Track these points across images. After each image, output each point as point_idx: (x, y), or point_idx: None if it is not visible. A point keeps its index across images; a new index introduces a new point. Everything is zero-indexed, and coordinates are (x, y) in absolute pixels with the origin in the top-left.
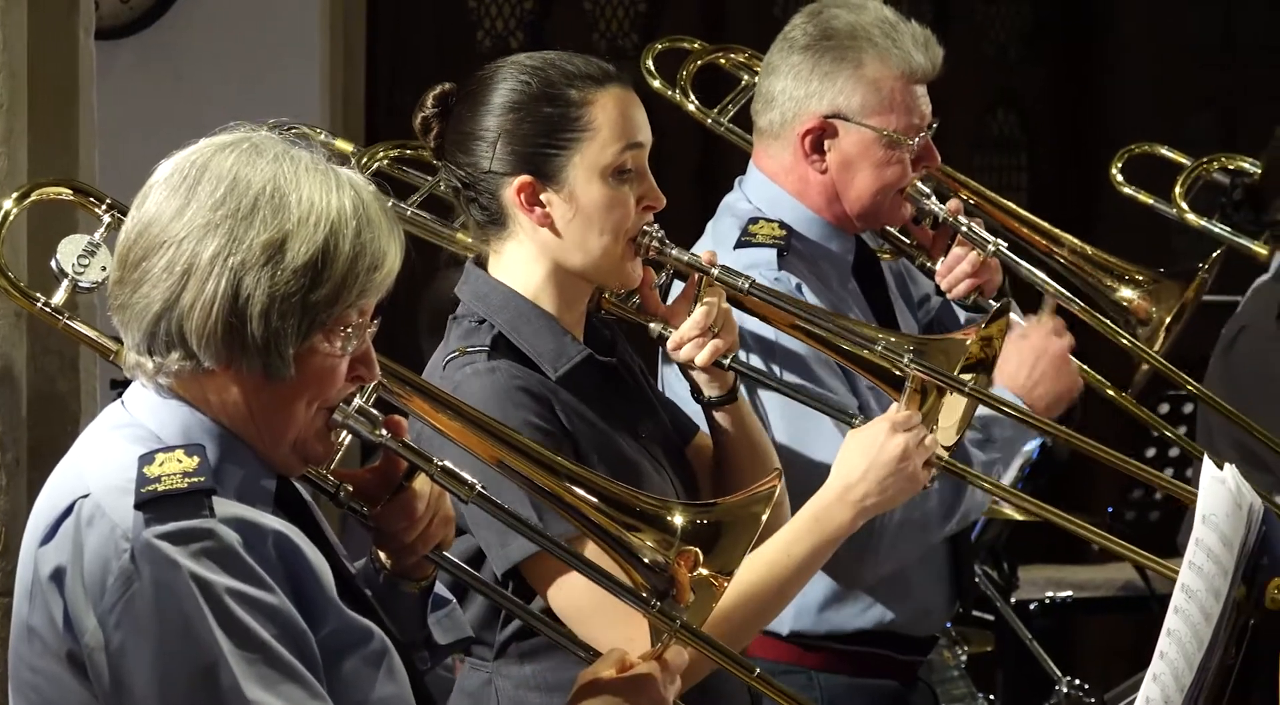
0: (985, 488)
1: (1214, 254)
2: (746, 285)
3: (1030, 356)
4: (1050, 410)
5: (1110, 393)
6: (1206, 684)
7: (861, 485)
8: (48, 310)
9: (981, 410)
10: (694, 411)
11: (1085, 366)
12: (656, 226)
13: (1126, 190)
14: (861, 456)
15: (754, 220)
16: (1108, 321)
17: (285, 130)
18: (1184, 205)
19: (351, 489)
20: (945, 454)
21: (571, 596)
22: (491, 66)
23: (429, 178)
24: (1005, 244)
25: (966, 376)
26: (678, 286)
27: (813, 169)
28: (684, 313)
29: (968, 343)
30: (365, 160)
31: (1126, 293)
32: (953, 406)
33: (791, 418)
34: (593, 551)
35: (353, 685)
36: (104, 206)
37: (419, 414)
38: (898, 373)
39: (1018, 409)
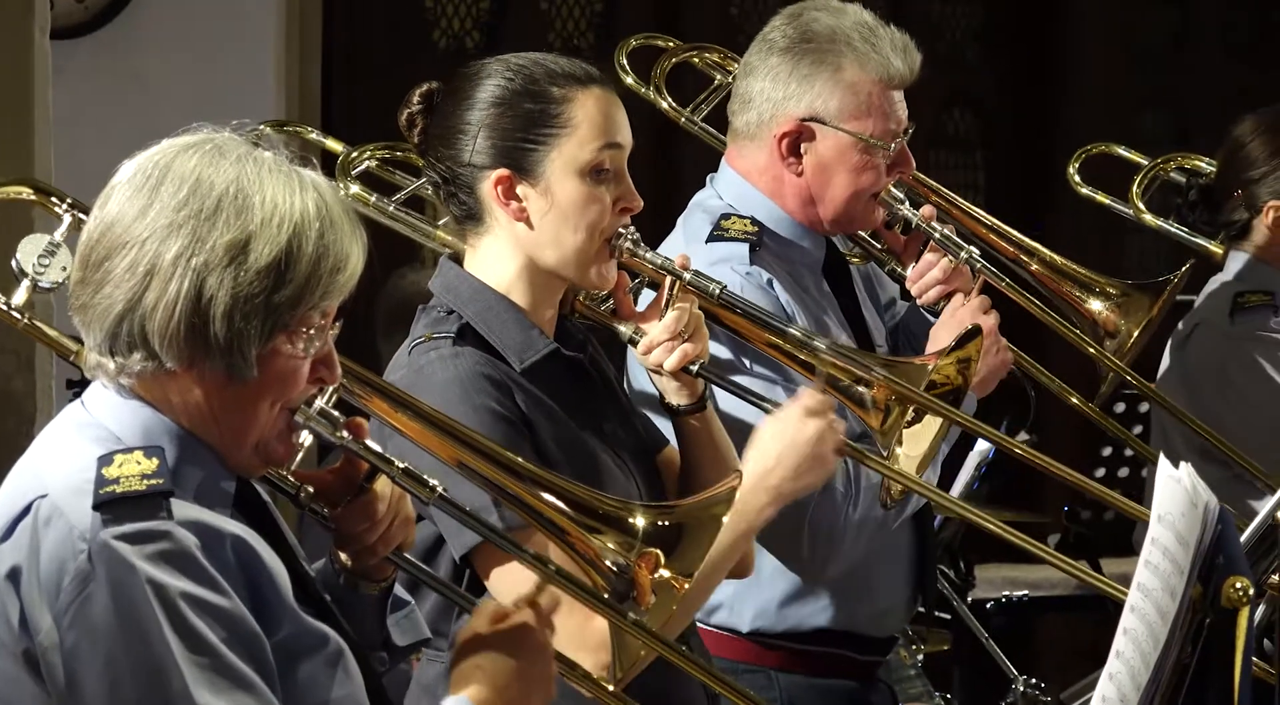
0: (927, 496)
1: (1183, 268)
2: (718, 291)
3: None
4: (983, 387)
5: (1075, 401)
6: (1163, 683)
7: (777, 471)
8: (7, 309)
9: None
10: (666, 427)
11: (1061, 382)
12: (633, 229)
13: (1084, 190)
14: (775, 443)
15: (726, 215)
16: (1077, 332)
17: (279, 130)
18: (1141, 205)
19: (312, 490)
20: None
21: (520, 585)
22: (477, 63)
23: (413, 179)
24: (977, 251)
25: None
26: (649, 294)
27: (789, 171)
28: (656, 317)
29: (930, 367)
30: (354, 160)
31: (1095, 304)
32: (921, 434)
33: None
34: (553, 552)
35: (308, 689)
36: (65, 206)
37: (380, 415)
38: (870, 394)
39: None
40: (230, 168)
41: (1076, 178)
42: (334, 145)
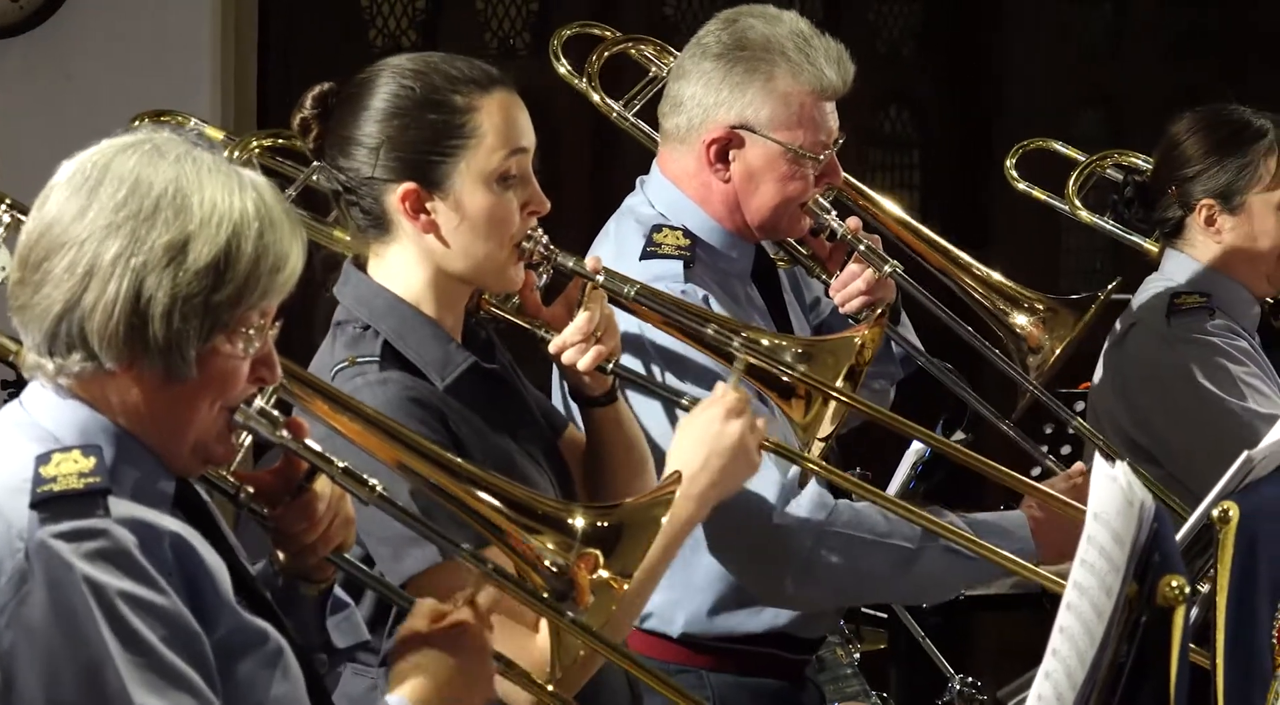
0: (866, 496)
1: (1110, 285)
2: (633, 292)
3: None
4: (1055, 560)
5: (997, 422)
6: (1099, 681)
7: (703, 475)
8: None
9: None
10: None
11: (976, 396)
12: (540, 231)
13: (1021, 186)
14: (700, 446)
15: (658, 228)
16: (996, 351)
17: (155, 117)
18: (1077, 202)
19: (252, 490)
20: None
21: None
22: (371, 69)
23: (302, 168)
24: (901, 266)
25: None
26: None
27: (716, 177)
28: (565, 316)
29: (856, 340)
30: (239, 150)
31: (1021, 319)
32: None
33: (671, 417)
34: (492, 553)
35: (247, 687)
36: (3, 207)
37: (319, 416)
38: (785, 381)
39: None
40: (169, 168)
41: (1014, 173)
42: (214, 133)
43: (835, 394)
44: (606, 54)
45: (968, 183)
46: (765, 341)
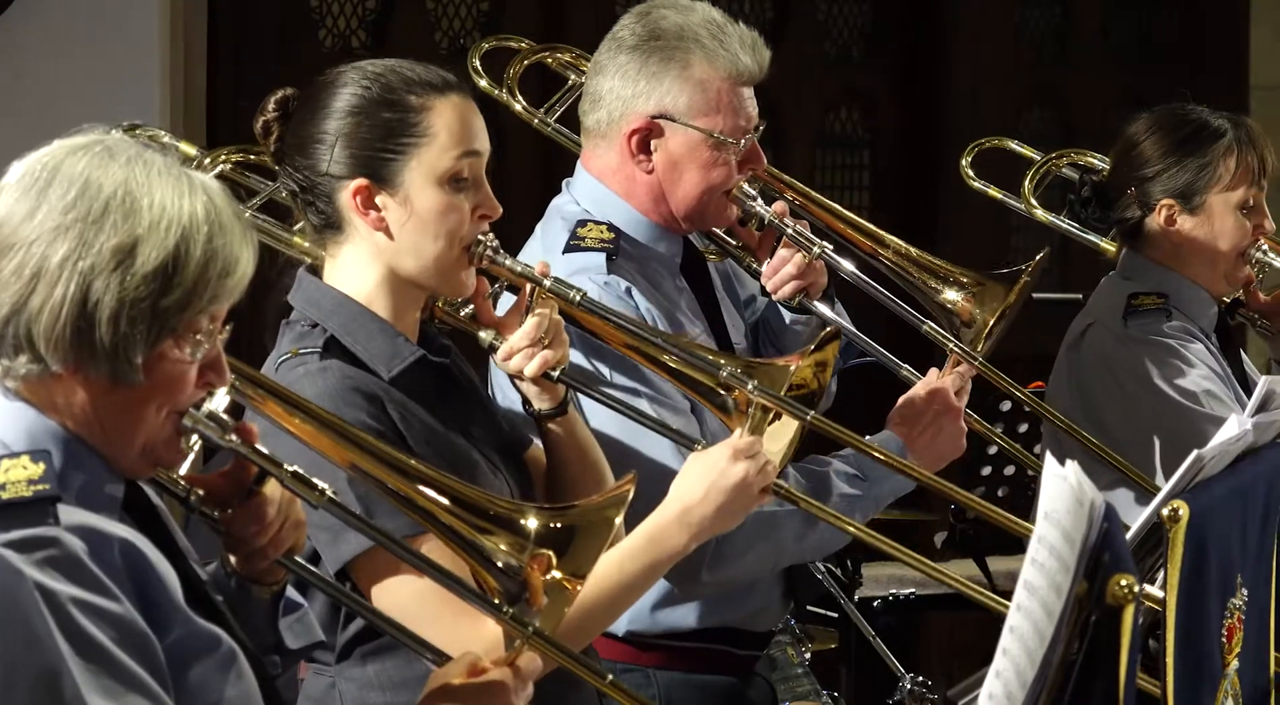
0: (830, 520)
1: (1037, 256)
2: (579, 298)
3: (931, 413)
4: (933, 465)
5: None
6: (1049, 680)
7: (700, 508)
8: None
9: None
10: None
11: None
12: (491, 236)
13: (976, 184)
14: (702, 481)
15: (582, 223)
16: (933, 325)
17: (128, 130)
18: (1033, 200)
19: (202, 493)
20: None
21: (399, 597)
22: (333, 71)
23: (269, 183)
24: (830, 246)
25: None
26: (509, 298)
27: (639, 169)
28: (516, 323)
29: (792, 369)
30: (209, 163)
31: (951, 295)
32: (779, 432)
33: (622, 420)
34: (443, 553)
35: (199, 692)
36: None
37: (271, 418)
38: (732, 397)
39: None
40: (119, 170)
41: (969, 172)
42: (187, 149)
43: (796, 411)
44: (524, 64)
45: (917, 182)
46: (706, 356)
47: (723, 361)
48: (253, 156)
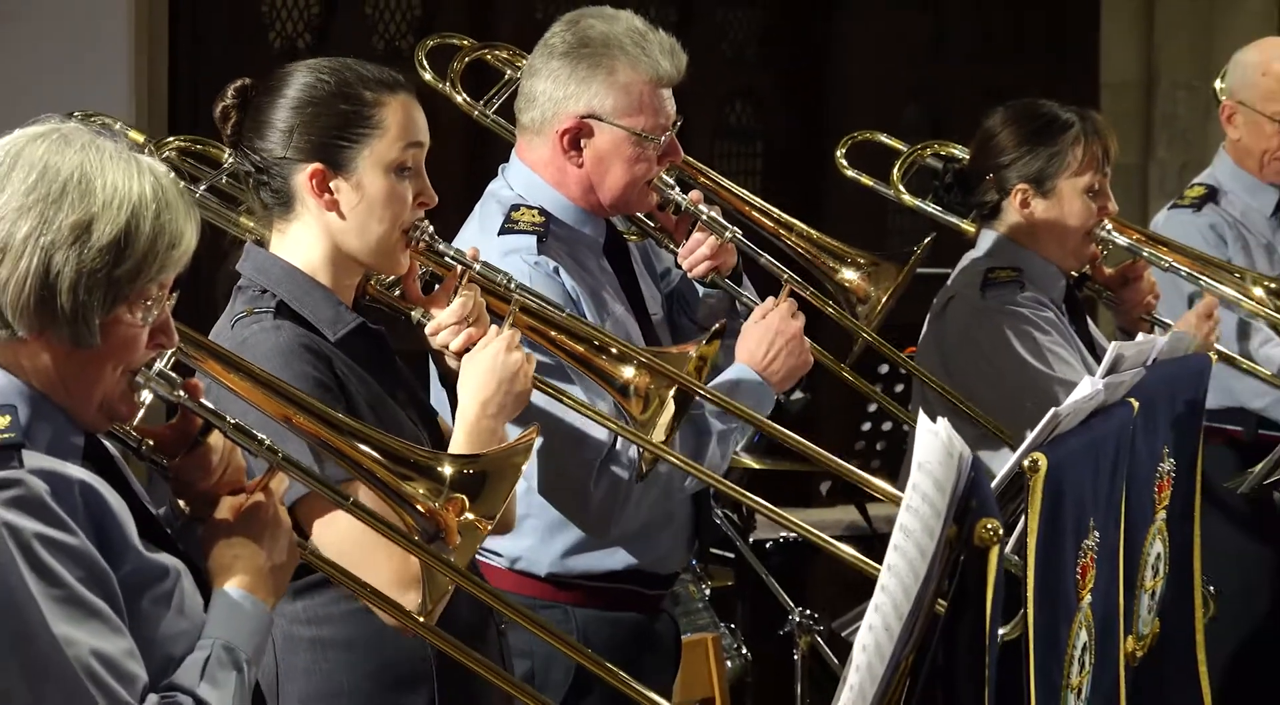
0: (708, 479)
1: (925, 240)
2: (505, 281)
3: (768, 335)
4: (784, 384)
5: (835, 367)
6: (922, 613)
7: (496, 398)
8: None
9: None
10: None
11: (815, 344)
12: (427, 222)
13: (850, 173)
14: (490, 375)
15: (516, 207)
16: (829, 301)
17: (88, 118)
18: (901, 187)
19: (152, 443)
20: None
21: (336, 534)
22: (291, 65)
23: (211, 171)
24: (740, 231)
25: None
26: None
27: (570, 163)
28: (444, 302)
29: (692, 354)
30: (155, 149)
31: (848, 274)
32: (666, 407)
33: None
34: (368, 497)
35: (150, 619)
36: None
37: (213, 375)
38: (627, 380)
39: (743, 410)
40: (75, 155)
41: (843, 162)
42: (135, 136)
43: (694, 387)
44: (466, 60)
45: (804, 170)
46: (615, 349)
47: (629, 350)
48: (199, 147)
